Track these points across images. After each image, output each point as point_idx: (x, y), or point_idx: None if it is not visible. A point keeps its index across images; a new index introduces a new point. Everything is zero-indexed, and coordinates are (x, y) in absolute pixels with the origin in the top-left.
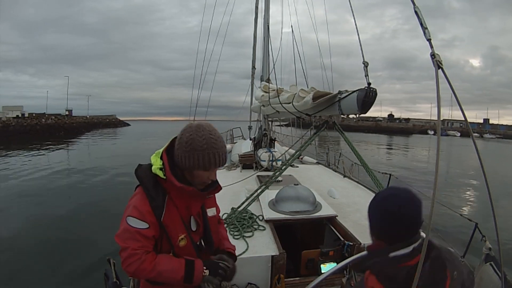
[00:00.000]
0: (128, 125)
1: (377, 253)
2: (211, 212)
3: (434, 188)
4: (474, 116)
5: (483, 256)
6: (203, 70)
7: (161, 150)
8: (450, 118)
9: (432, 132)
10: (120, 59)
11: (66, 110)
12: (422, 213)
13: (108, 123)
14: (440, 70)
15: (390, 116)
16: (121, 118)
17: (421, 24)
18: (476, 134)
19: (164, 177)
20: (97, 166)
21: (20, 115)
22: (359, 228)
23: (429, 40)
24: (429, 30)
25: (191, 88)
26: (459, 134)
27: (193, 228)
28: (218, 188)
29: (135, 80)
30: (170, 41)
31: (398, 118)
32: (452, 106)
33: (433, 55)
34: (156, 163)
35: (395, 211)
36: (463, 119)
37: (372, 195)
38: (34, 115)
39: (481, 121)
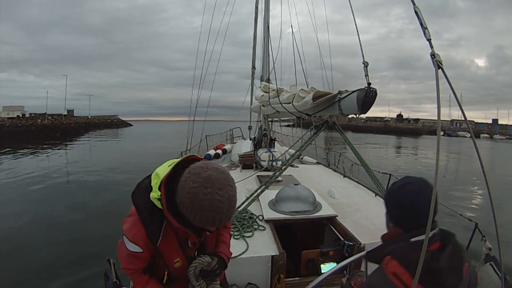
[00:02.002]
0: (130, 125)
1: (397, 240)
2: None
3: (434, 188)
4: (484, 116)
5: (483, 256)
6: (203, 71)
7: (161, 175)
8: (458, 119)
9: (442, 133)
10: (125, 59)
11: (67, 110)
12: (437, 202)
13: (110, 124)
14: (440, 70)
15: (399, 116)
16: (124, 118)
17: (421, 24)
18: (486, 135)
19: (162, 208)
20: (92, 167)
21: (20, 115)
22: (359, 228)
23: (429, 40)
24: (429, 30)
25: (196, 88)
26: (469, 135)
27: (190, 245)
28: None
29: (140, 81)
30: (175, 41)
31: (407, 119)
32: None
33: (433, 55)
34: (155, 191)
35: (413, 198)
36: (472, 119)
37: (372, 195)
38: (33, 115)
39: (490, 121)
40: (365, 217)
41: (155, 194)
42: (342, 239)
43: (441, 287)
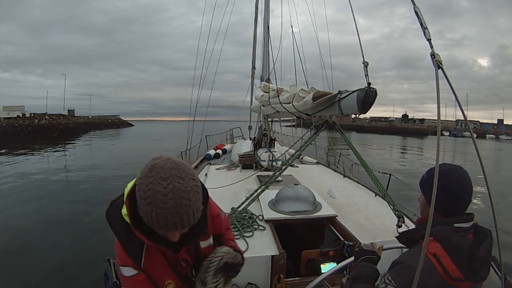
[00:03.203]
0: (132, 125)
1: (439, 223)
2: (206, 243)
3: (434, 188)
4: (490, 116)
5: None
6: (204, 70)
7: (129, 187)
8: (463, 119)
9: (448, 133)
10: (127, 59)
11: (68, 110)
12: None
13: (111, 124)
14: (440, 70)
15: (404, 116)
16: (126, 118)
17: (421, 24)
18: (491, 136)
19: None
20: (88, 167)
21: (21, 115)
22: (359, 228)
23: (429, 40)
24: (429, 30)
25: (198, 88)
26: (475, 135)
27: (183, 264)
28: (202, 236)
29: (143, 80)
30: (178, 41)
31: (412, 119)
32: (467, 106)
33: (433, 55)
34: (124, 207)
35: (457, 184)
36: (477, 119)
37: (372, 195)
38: (32, 115)
39: (495, 121)
40: (365, 217)
41: (124, 210)
42: (342, 239)
43: (475, 276)
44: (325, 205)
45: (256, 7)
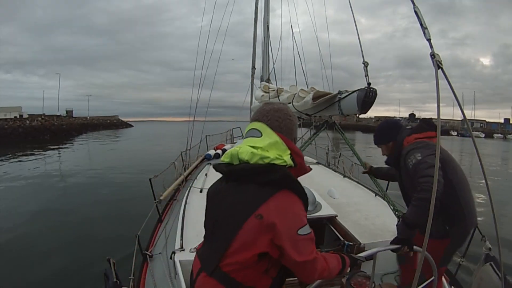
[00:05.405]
0: (131, 126)
1: (403, 131)
2: None
3: (433, 189)
4: (497, 115)
5: (483, 256)
6: (206, 70)
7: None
8: (471, 118)
9: (455, 133)
10: (131, 60)
11: (66, 111)
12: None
13: (109, 124)
14: (440, 70)
15: (412, 115)
16: (127, 119)
17: (421, 24)
18: (499, 135)
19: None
20: (88, 167)
21: (18, 116)
22: (359, 228)
23: (429, 40)
24: (429, 30)
25: (202, 88)
26: (483, 135)
27: None
28: None
29: (146, 81)
30: (181, 41)
31: (419, 118)
32: (475, 105)
33: (433, 55)
34: (284, 155)
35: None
36: (483, 119)
37: (372, 195)
38: (27, 115)
39: (502, 121)
40: (365, 217)
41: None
42: (342, 239)
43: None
44: (325, 205)
45: (256, 7)
